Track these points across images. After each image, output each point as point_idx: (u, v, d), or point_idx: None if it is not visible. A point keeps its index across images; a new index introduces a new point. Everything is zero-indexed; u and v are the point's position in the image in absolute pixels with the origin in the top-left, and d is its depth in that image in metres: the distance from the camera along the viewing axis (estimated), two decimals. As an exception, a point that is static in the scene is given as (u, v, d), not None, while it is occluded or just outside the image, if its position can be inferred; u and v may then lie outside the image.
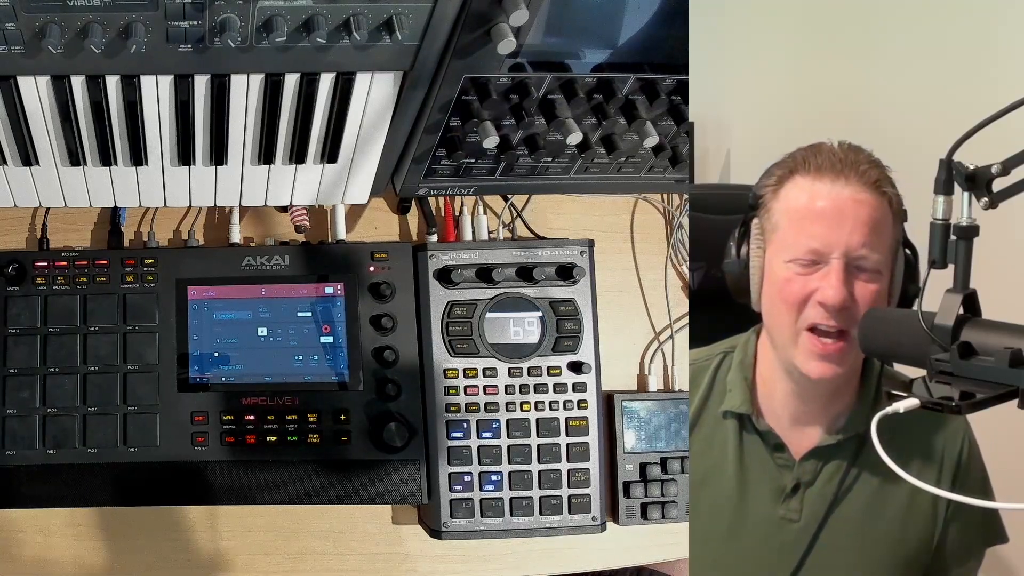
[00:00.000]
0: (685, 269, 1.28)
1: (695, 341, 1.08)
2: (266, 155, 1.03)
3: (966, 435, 0.98)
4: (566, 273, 1.15)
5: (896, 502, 0.95)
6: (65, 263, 1.13)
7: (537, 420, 1.13)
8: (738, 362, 0.99)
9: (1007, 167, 0.76)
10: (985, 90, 1.47)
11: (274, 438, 1.10)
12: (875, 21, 1.77)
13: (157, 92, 0.96)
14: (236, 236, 1.19)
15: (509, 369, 1.14)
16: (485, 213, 1.22)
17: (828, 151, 0.91)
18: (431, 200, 1.23)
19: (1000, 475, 1.02)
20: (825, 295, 0.87)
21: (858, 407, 0.95)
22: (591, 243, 1.17)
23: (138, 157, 1.02)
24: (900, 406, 0.75)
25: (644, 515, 1.18)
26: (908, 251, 0.93)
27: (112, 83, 0.95)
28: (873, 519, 0.95)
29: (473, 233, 1.21)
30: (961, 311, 0.78)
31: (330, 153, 1.04)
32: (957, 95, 1.53)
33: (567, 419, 1.13)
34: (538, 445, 1.13)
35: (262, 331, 1.13)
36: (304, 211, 1.17)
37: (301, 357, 1.13)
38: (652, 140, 1.04)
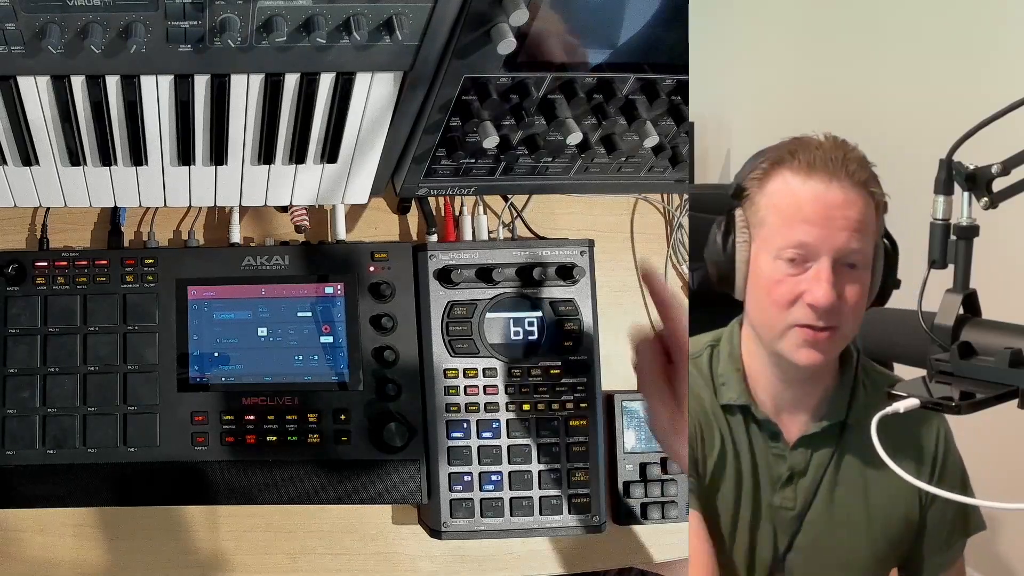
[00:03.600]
0: (685, 269, 1.28)
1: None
2: (266, 155, 1.03)
3: (940, 427, 0.99)
4: (566, 273, 1.15)
5: (881, 485, 0.97)
6: (65, 263, 1.12)
7: (537, 420, 1.13)
8: (727, 355, 0.99)
9: (1007, 167, 0.77)
10: (985, 90, 1.47)
11: (274, 438, 1.10)
12: (875, 22, 1.77)
13: (157, 92, 0.96)
14: (236, 236, 1.19)
15: (509, 369, 1.14)
16: (485, 213, 1.22)
17: (816, 146, 0.90)
18: (431, 200, 1.23)
19: (1000, 475, 1.02)
20: (815, 297, 0.87)
21: (837, 394, 0.97)
22: (591, 243, 1.17)
23: (138, 157, 1.02)
24: (900, 406, 0.76)
25: (644, 515, 1.18)
26: (887, 242, 0.93)
27: (112, 83, 0.95)
28: (858, 502, 0.97)
29: (473, 233, 1.21)
30: (961, 311, 0.78)
31: (330, 153, 1.04)
32: (957, 95, 1.53)
33: (567, 419, 1.13)
34: (538, 445, 1.13)
35: (262, 331, 1.13)
36: (304, 211, 1.17)
37: (301, 357, 1.13)
38: (652, 140, 1.04)
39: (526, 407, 1.13)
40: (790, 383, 0.96)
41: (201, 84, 0.95)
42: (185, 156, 1.02)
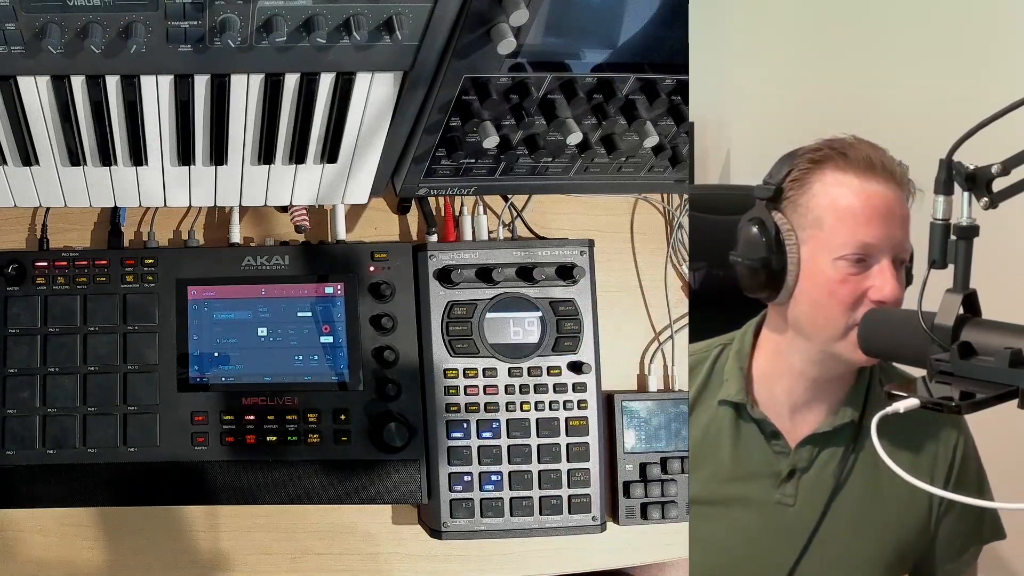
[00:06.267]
0: (685, 269, 1.28)
1: (695, 340, 1.09)
2: (266, 155, 1.03)
3: (961, 431, 0.99)
4: (566, 273, 1.15)
5: (893, 489, 0.96)
6: (65, 263, 1.13)
7: (537, 420, 1.13)
8: (735, 352, 1.00)
9: (1007, 167, 0.76)
10: (985, 90, 1.47)
11: (274, 438, 1.10)
12: (875, 21, 1.77)
13: (157, 92, 0.96)
14: (236, 236, 1.19)
15: (509, 369, 1.14)
16: (485, 213, 1.22)
17: (865, 148, 0.91)
18: (431, 200, 1.23)
19: (1000, 475, 1.02)
20: (883, 293, 0.88)
21: (855, 387, 0.97)
22: (591, 243, 1.17)
23: (138, 157, 1.02)
24: (900, 406, 0.76)
25: (644, 515, 1.18)
26: None
27: (112, 83, 0.95)
28: (870, 505, 0.96)
29: (473, 233, 1.21)
30: (961, 311, 0.78)
31: (330, 153, 1.04)
32: (957, 95, 1.53)
33: (567, 419, 1.13)
34: (538, 445, 1.13)
35: (262, 331, 1.13)
36: (304, 211, 1.17)
37: (301, 357, 1.13)
38: (652, 140, 1.04)
39: (526, 407, 1.13)
40: (822, 383, 0.96)
41: (201, 84, 0.95)
42: (185, 156, 1.02)
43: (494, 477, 1.12)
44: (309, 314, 1.13)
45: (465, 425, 1.12)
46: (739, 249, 0.94)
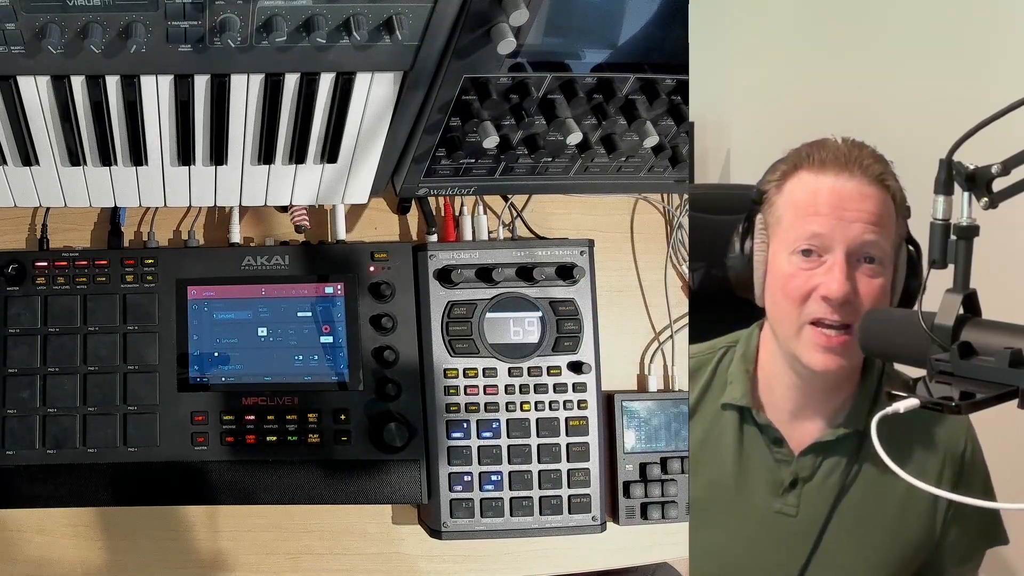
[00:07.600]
0: (685, 269, 1.28)
1: (695, 341, 1.09)
2: (266, 155, 1.03)
3: (968, 434, 0.98)
4: (566, 273, 1.15)
5: (895, 499, 0.96)
6: (65, 263, 1.13)
7: (537, 420, 1.13)
8: (740, 355, 0.99)
9: (1007, 167, 0.76)
10: (985, 90, 1.47)
11: (274, 438, 1.10)
12: (875, 22, 1.77)
13: (157, 92, 0.96)
14: (236, 236, 1.19)
15: (509, 369, 1.14)
16: (485, 213, 1.22)
17: (832, 146, 0.92)
18: (431, 200, 1.23)
19: (1000, 475, 1.02)
20: (829, 289, 0.87)
21: (858, 402, 0.96)
22: (591, 243, 1.17)
23: (138, 157, 1.02)
24: (900, 406, 0.75)
25: (644, 515, 1.18)
26: (911, 247, 0.94)
27: (112, 83, 0.95)
28: (872, 515, 0.96)
29: (473, 233, 1.21)
30: (961, 311, 0.78)
31: (330, 153, 1.04)
32: (957, 95, 1.53)
33: (567, 419, 1.13)
34: (538, 445, 1.13)
35: (262, 331, 1.13)
36: (304, 211, 1.17)
37: (301, 357, 1.13)
38: (652, 140, 1.04)
39: (526, 407, 1.13)
40: (807, 391, 0.95)
41: (201, 84, 0.95)
42: (185, 156, 1.02)
43: (494, 477, 1.12)
44: (309, 314, 1.13)
45: (465, 425, 1.12)
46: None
